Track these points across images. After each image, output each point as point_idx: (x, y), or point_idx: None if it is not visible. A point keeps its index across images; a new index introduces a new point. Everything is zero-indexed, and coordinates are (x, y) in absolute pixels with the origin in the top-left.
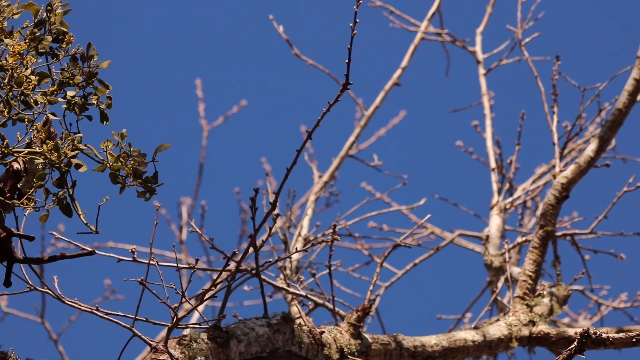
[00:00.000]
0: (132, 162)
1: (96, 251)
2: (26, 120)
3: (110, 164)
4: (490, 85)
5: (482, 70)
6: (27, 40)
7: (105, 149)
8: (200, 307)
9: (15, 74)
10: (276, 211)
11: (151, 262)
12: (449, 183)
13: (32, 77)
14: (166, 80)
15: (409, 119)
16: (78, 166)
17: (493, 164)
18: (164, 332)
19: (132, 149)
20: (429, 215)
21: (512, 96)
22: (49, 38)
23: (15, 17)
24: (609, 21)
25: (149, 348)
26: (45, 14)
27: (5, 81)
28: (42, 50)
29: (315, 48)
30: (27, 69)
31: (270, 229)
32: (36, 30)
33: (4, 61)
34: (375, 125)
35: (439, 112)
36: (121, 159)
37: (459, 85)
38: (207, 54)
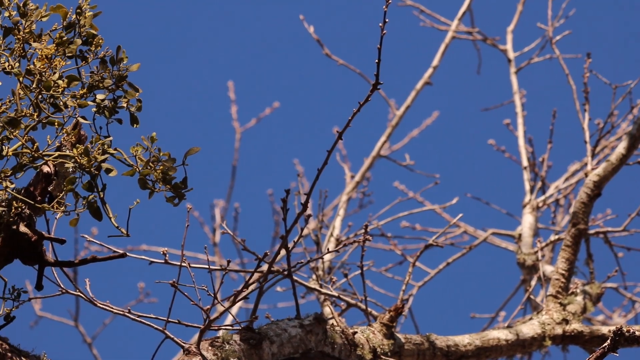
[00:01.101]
0: (161, 166)
1: (128, 254)
2: (56, 123)
3: (140, 168)
4: (521, 83)
5: (513, 69)
6: (55, 44)
7: (134, 153)
8: (233, 309)
9: (43, 78)
10: (307, 212)
11: (183, 264)
12: (481, 182)
13: (60, 82)
14: (198, 83)
15: (440, 118)
16: (108, 171)
17: (525, 162)
18: (196, 335)
19: (161, 153)
20: (460, 215)
21: (544, 94)
22: (78, 41)
23: (44, 19)
24: None
25: (181, 350)
26: (74, 17)
27: (34, 85)
28: (70, 54)
29: (346, 48)
30: (55, 73)
31: (302, 230)
32: (64, 33)
33: (32, 65)
34: (408, 126)
35: (471, 111)
36: (150, 163)
37: (490, 83)
38: (239, 56)
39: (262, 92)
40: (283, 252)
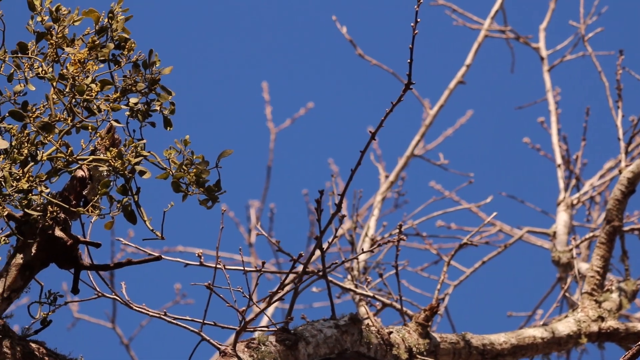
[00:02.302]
0: (194, 169)
1: (163, 256)
2: (90, 127)
3: (173, 172)
4: (554, 81)
5: (546, 67)
6: (88, 48)
7: (168, 157)
8: (269, 310)
9: (77, 82)
10: (342, 212)
11: (218, 265)
12: (515, 180)
13: (93, 86)
14: (233, 84)
15: (473, 116)
16: (142, 173)
17: (559, 160)
18: (231, 336)
19: (195, 156)
20: (495, 213)
21: (577, 92)
22: (111, 45)
23: (76, 24)
24: None
25: (217, 352)
26: (106, 21)
27: (67, 89)
28: (103, 57)
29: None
30: (88, 77)
31: (337, 230)
32: (97, 37)
33: (65, 70)
34: (442, 125)
35: (504, 109)
36: (184, 166)
37: (523, 82)
38: (273, 57)
39: (296, 92)
40: (318, 252)
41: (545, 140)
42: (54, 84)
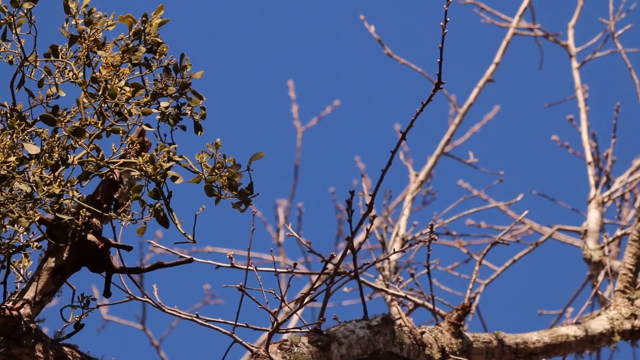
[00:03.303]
0: (227, 173)
1: (194, 258)
2: (120, 131)
3: (205, 176)
4: (583, 78)
5: (575, 64)
6: (121, 51)
7: (200, 161)
8: (300, 310)
9: (109, 86)
10: (372, 212)
11: (249, 267)
12: (545, 178)
13: (127, 89)
14: (258, 83)
15: (503, 114)
16: (174, 178)
17: (589, 158)
18: (263, 337)
19: (226, 159)
20: (526, 212)
21: (607, 89)
22: (143, 49)
23: (110, 28)
24: None
25: (250, 353)
26: (140, 26)
27: (99, 93)
28: (136, 61)
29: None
30: (120, 80)
31: (368, 230)
32: (129, 42)
33: (97, 73)
34: (470, 121)
35: (533, 107)
36: (216, 170)
37: (553, 79)
38: (299, 55)
39: (322, 91)
40: (348, 252)
41: (574, 138)
42: (85, 88)
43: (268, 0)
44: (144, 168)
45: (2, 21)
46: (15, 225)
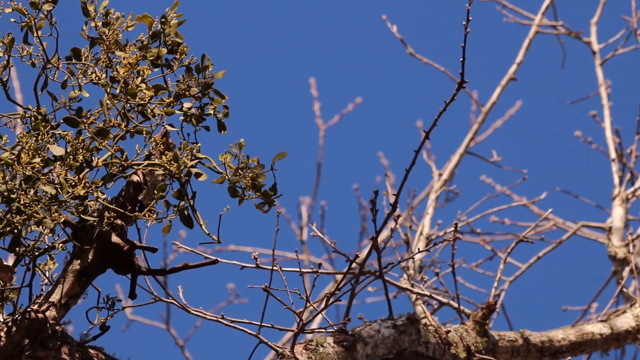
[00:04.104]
0: (250, 173)
1: (219, 259)
2: (144, 132)
3: (229, 176)
4: (606, 74)
5: (598, 61)
6: (138, 48)
7: (223, 161)
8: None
9: (128, 86)
10: (397, 212)
11: (274, 267)
12: (569, 174)
13: (144, 85)
14: (280, 82)
15: (526, 111)
16: (198, 175)
17: (613, 154)
18: (286, 336)
19: (250, 159)
20: (551, 209)
21: (630, 85)
22: (164, 50)
23: (130, 29)
24: None
25: (275, 354)
26: (159, 26)
27: (118, 91)
28: (152, 57)
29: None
30: (138, 77)
31: (392, 230)
32: (149, 42)
33: (115, 72)
34: (492, 117)
35: (556, 104)
36: (239, 170)
37: (575, 76)
38: (320, 53)
39: (343, 88)
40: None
41: (598, 134)
42: (108, 89)
43: None
44: (168, 167)
45: (22, 24)
46: (40, 227)
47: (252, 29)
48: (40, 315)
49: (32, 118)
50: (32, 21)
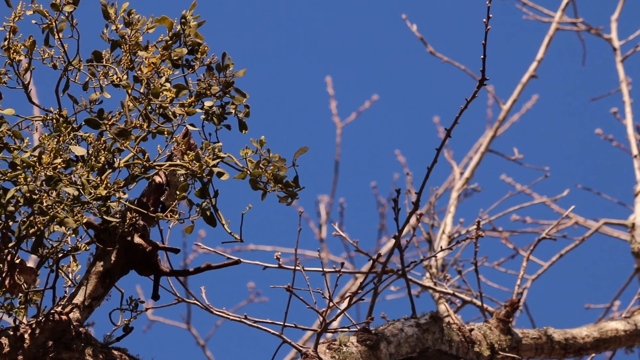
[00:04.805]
0: (272, 167)
1: (241, 260)
2: (166, 132)
3: (250, 170)
4: (627, 71)
5: (619, 58)
6: (161, 48)
7: (244, 156)
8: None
9: (151, 85)
10: (419, 211)
11: (296, 267)
12: (590, 172)
13: (167, 85)
14: (297, 80)
15: (546, 109)
16: (220, 174)
17: (635, 151)
18: (307, 336)
19: (271, 155)
20: (573, 207)
21: None
22: (185, 50)
23: (150, 31)
24: None
25: (298, 353)
26: (179, 27)
27: (141, 91)
28: (176, 57)
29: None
30: (161, 77)
31: (414, 228)
32: (171, 43)
33: (139, 72)
34: (511, 114)
35: (577, 102)
36: (261, 165)
37: (596, 73)
38: (338, 52)
39: (359, 86)
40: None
41: (619, 131)
42: (129, 91)
43: None
44: (190, 167)
45: (43, 26)
46: (63, 227)
47: (269, 27)
48: (64, 317)
49: (54, 120)
50: (53, 23)
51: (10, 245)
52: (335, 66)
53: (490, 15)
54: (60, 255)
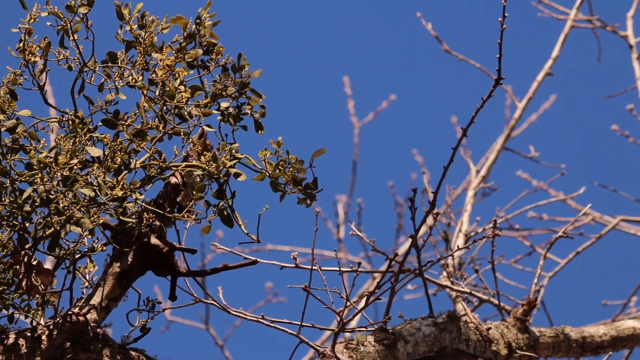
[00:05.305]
0: (290, 169)
1: (258, 260)
2: (182, 133)
3: (269, 172)
4: None
5: (634, 55)
6: (175, 50)
7: (263, 158)
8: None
9: (166, 87)
10: (435, 210)
11: (313, 267)
12: (606, 169)
13: (183, 87)
14: (314, 80)
15: (562, 106)
16: (237, 175)
17: None
18: (324, 335)
19: (290, 157)
20: (590, 205)
21: None
22: (200, 51)
23: (165, 31)
24: None
25: (312, 352)
26: (194, 27)
27: (156, 93)
28: (190, 59)
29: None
30: (177, 79)
31: (431, 227)
32: (184, 43)
33: (154, 75)
34: (527, 112)
35: (593, 99)
36: (280, 166)
37: (612, 70)
38: (354, 51)
39: (377, 86)
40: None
41: (635, 128)
42: (145, 91)
43: None
44: (207, 168)
45: (58, 27)
46: (80, 228)
47: (286, 27)
48: (81, 318)
49: (70, 121)
50: (68, 24)
51: (27, 246)
52: (352, 66)
53: (506, 15)
54: (77, 256)
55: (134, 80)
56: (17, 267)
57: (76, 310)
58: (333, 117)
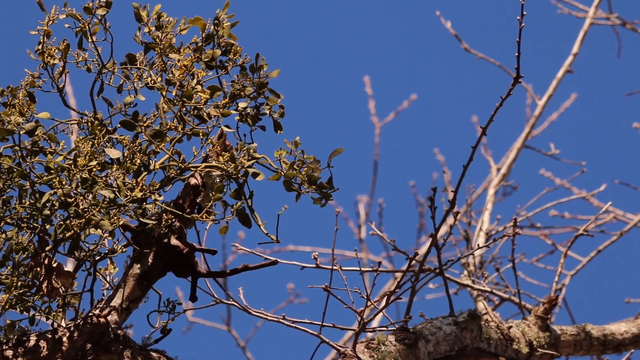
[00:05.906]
0: (306, 169)
1: (278, 260)
2: (201, 134)
3: (284, 172)
4: None
5: None
6: (192, 50)
7: (279, 157)
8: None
9: (184, 88)
10: (455, 209)
11: (334, 267)
12: (628, 166)
13: (199, 87)
14: (335, 80)
15: (582, 104)
16: (255, 175)
17: None
18: (346, 335)
19: (306, 156)
20: (611, 202)
21: None
22: (218, 51)
23: (183, 33)
24: None
25: (337, 353)
26: (212, 28)
27: (174, 93)
28: (207, 59)
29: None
30: (194, 79)
31: (451, 226)
32: (202, 44)
33: (170, 75)
34: (548, 111)
35: (613, 96)
36: (295, 166)
37: (632, 67)
38: (374, 51)
39: (398, 85)
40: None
41: None
42: (164, 93)
43: None
44: (226, 168)
45: (77, 29)
46: (100, 230)
47: (305, 27)
48: (102, 319)
49: (89, 123)
50: (87, 26)
51: (47, 249)
52: (373, 66)
53: (524, 13)
54: (97, 258)
55: (152, 82)
56: (38, 269)
57: (97, 311)
58: (354, 118)
